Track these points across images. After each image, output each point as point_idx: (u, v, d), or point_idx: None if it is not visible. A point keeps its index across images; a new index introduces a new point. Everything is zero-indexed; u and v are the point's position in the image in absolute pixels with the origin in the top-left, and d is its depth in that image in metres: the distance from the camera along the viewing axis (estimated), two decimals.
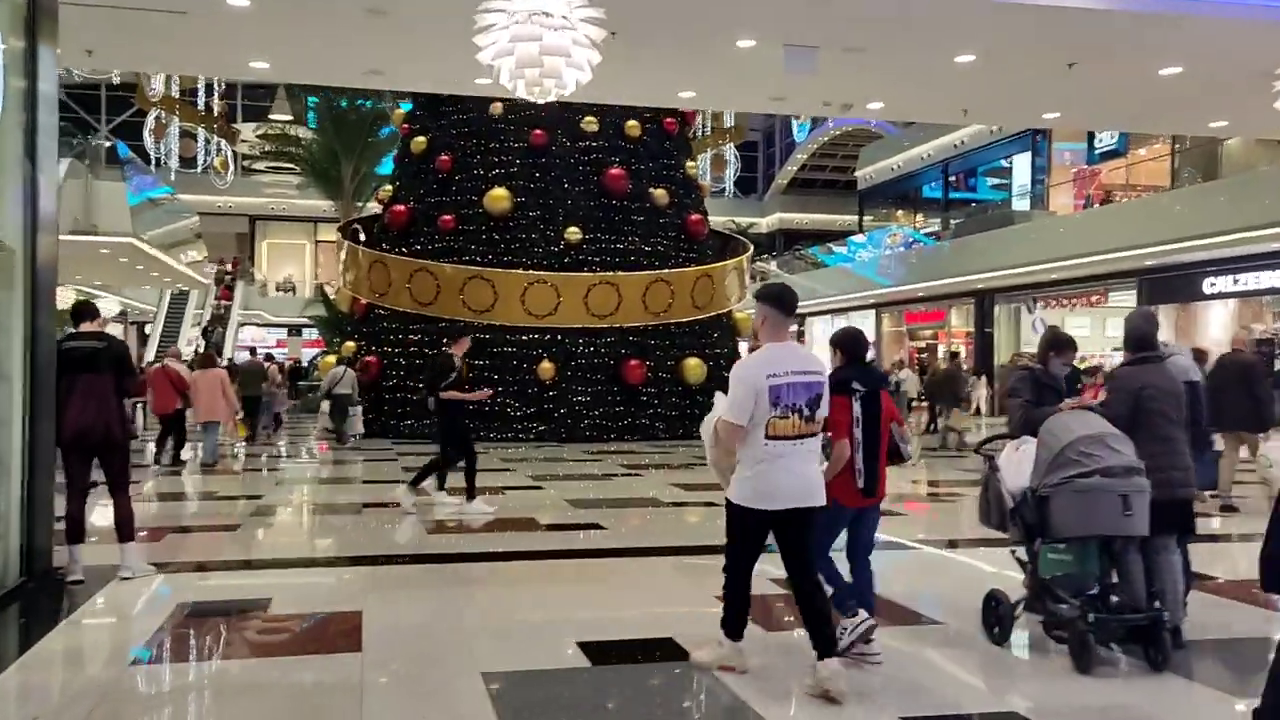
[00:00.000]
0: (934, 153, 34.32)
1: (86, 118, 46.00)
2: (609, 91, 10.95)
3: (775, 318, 4.34)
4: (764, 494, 4.23)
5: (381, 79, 10.37)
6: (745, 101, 11.44)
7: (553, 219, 19.00)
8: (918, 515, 10.43)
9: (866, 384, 4.83)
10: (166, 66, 12.79)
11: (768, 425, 4.17)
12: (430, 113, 20.37)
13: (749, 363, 4.32)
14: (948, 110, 11.58)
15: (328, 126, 29.19)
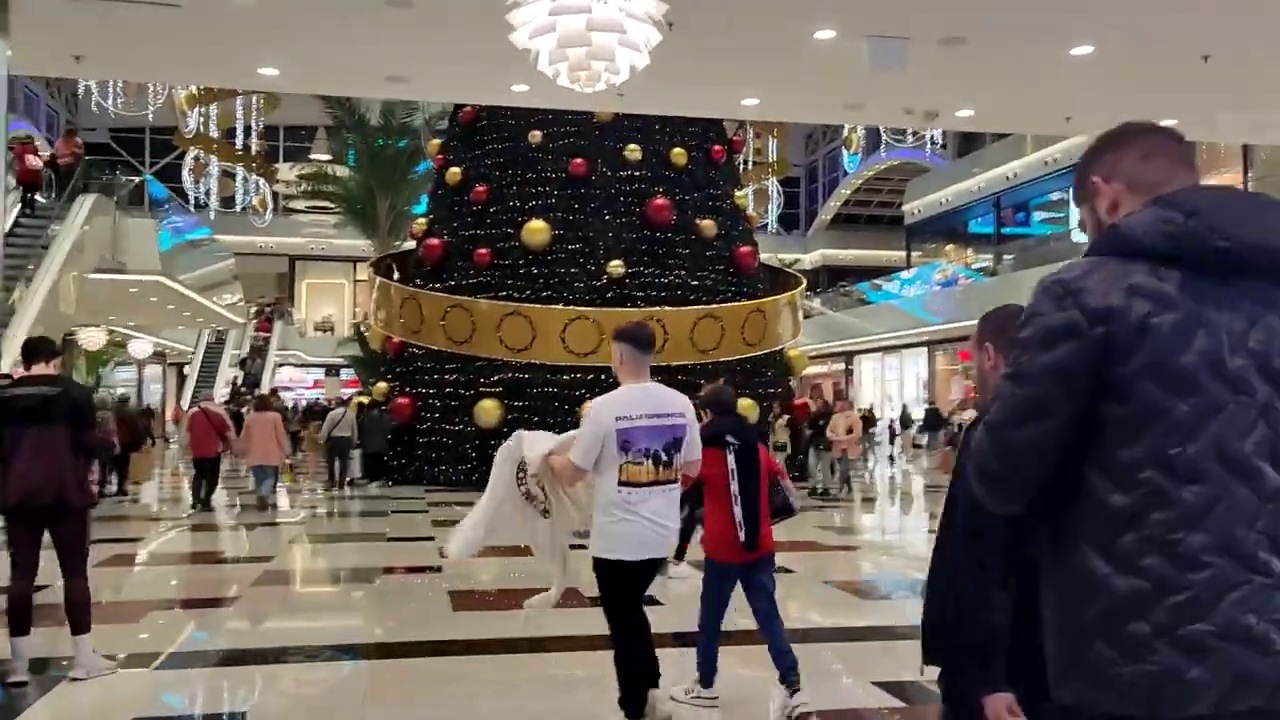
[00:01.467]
0: (985, 185, 32.67)
1: (130, 160, 45.68)
2: (661, 99, 9.54)
3: (633, 357, 4.13)
4: (625, 544, 3.98)
5: (405, 88, 9.06)
6: (816, 109, 10.00)
7: (594, 252, 17.62)
8: None
9: (740, 438, 4.75)
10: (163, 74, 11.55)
11: (620, 471, 3.94)
12: (465, 142, 19.15)
13: (600, 404, 4.06)
14: (1048, 117, 10.01)
15: (364, 163, 28.19)
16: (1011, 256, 30.06)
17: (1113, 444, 1.50)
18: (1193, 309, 1.48)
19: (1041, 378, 1.53)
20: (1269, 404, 1.48)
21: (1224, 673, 1.42)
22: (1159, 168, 1.65)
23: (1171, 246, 1.51)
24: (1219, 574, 1.44)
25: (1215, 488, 1.45)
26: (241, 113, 32.25)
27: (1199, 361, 1.47)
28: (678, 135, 18.59)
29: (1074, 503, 1.54)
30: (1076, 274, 1.56)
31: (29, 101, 36.05)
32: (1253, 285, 1.52)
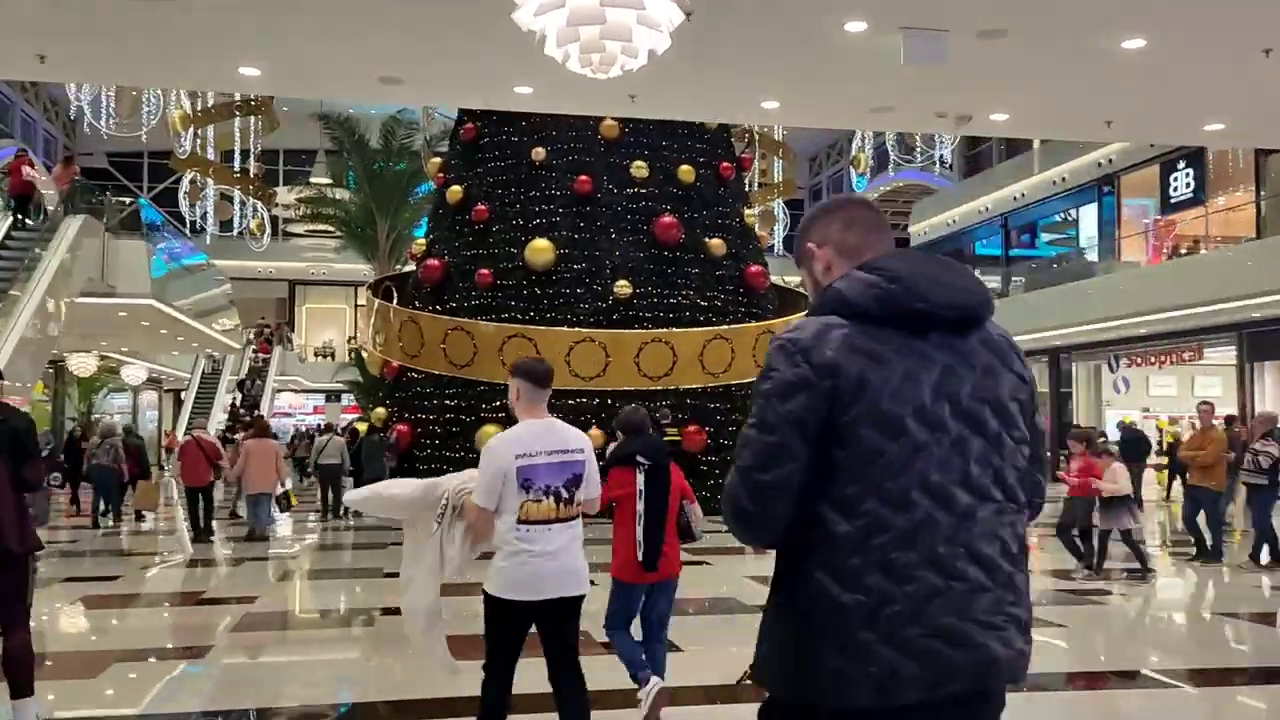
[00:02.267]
0: (992, 206, 32.02)
1: (128, 184, 45.12)
2: (674, 102, 8.83)
3: (530, 392, 3.99)
4: (523, 584, 3.87)
5: (399, 90, 8.37)
6: (841, 113, 9.29)
7: (599, 272, 16.92)
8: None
9: (651, 458, 4.76)
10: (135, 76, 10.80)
11: (520, 509, 3.85)
12: (466, 160, 18.50)
13: (498, 441, 3.95)
14: (1088, 121, 9.29)
15: (364, 185, 27.56)
16: (1021, 278, 29.32)
17: (840, 481, 1.72)
18: (900, 363, 1.71)
19: (781, 426, 1.72)
20: (960, 437, 1.75)
21: (932, 666, 1.68)
22: (859, 234, 1.91)
23: (880, 309, 1.74)
24: (926, 585, 1.68)
25: (921, 514, 1.70)
26: (239, 135, 31.63)
27: (906, 408, 1.70)
28: (685, 152, 17.95)
29: (809, 533, 1.74)
30: (805, 335, 1.76)
31: (25, 126, 35.51)
32: (944, 338, 1.77)
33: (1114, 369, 23.88)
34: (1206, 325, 20.70)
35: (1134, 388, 23.53)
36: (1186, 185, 25.19)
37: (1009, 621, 1.74)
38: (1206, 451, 10.70)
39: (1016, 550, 1.79)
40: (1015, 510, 1.81)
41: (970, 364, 1.80)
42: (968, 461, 1.74)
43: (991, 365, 1.83)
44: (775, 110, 8.60)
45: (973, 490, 1.74)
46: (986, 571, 1.73)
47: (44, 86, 35.57)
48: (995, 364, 1.84)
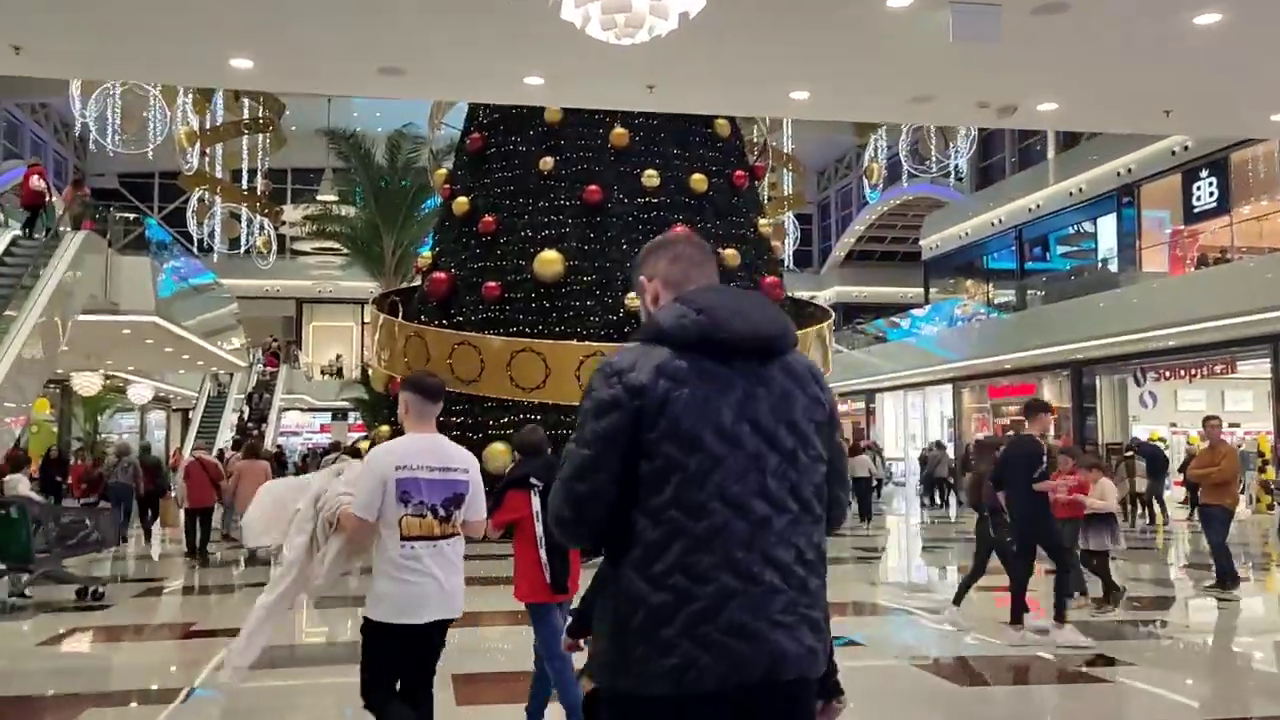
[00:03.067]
0: (1006, 218, 31.27)
1: (139, 205, 44.65)
2: (695, 94, 8.09)
3: (418, 406, 3.85)
4: (409, 606, 3.67)
5: (400, 82, 7.69)
6: (877, 105, 8.55)
7: (610, 284, 16.22)
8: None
9: (546, 479, 4.61)
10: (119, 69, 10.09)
11: (400, 525, 3.67)
12: (472, 171, 17.86)
13: (378, 451, 3.81)
14: (1146, 111, 8.49)
15: (370, 201, 26.96)
16: (1039, 291, 28.52)
17: (648, 492, 1.88)
18: (702, 385, 1.89)
19: (595, 441, 1.91)
20: (758, 454, 1.90)
21: (726, 659, 1.83)
22: (683, 269, 2.10)
23: (688, 337, 1.91)
24: (724, 586, 1.84)
25: (719, 521, 1.85)
26: (247, 153, 31.13)
27: (705, 426, 1.87)
28: (698, 160, 17.29)
29: (625, 538, 1.91)
30: (623, 360, 1.95)
31: (36, 148, 35.07)
32: (746, 364, 1.94)
33: (1140, 383, 23.02)
34: (1240, 337, 19.86)
35: (1161, 402, 22.68)
36: (1210, 194, 24.42)
37: (802, 621, 1.87)
38: (1220, 468, 9.80)
39: (812, 557, 1.93)
40: (811, 521, 1.94)
41: (769, 388, 1.93)
42: (765, 475, 1.88)
43: (789, 390, 1.95)
44: (805, 102, 7.88)
45: (769, 501, 1.88)
46: (782, 575, 1.87)
47: (54, 107, 35.16)
48: (793, 388, 1.95)
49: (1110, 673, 6.68)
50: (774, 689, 1.87)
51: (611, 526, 1.91)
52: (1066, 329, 23.18)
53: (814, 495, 1.94)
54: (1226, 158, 23.69)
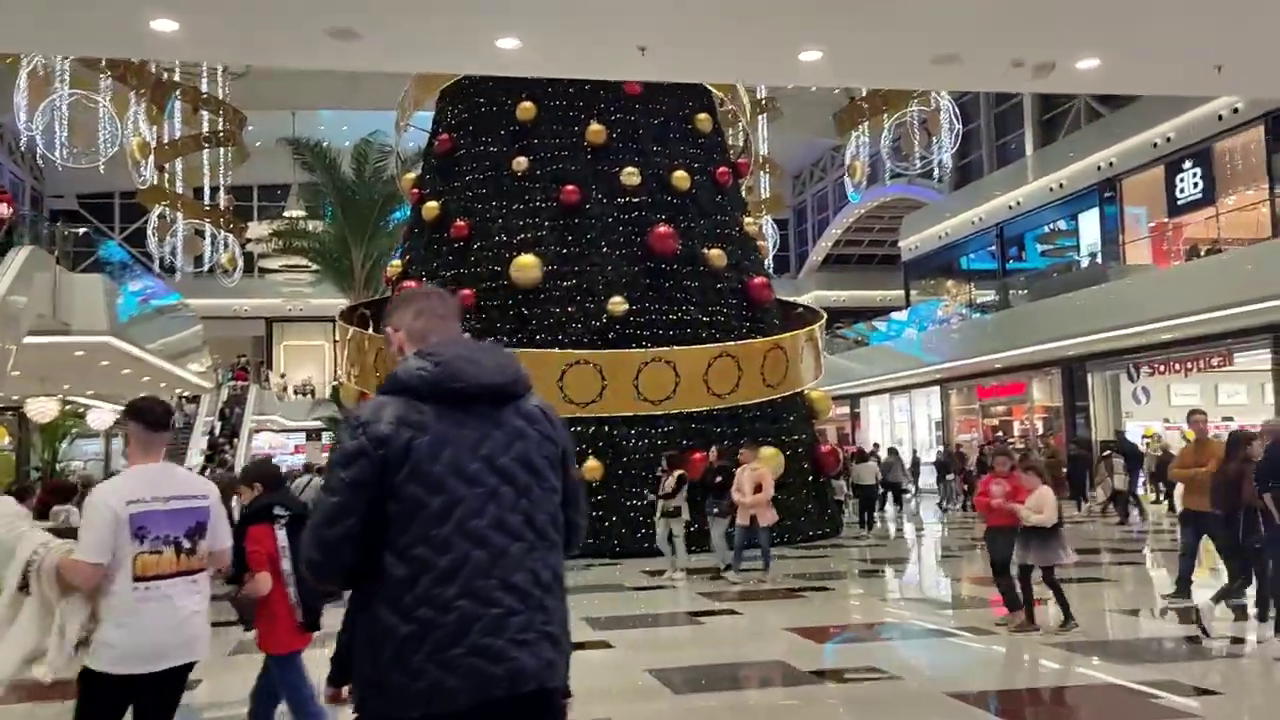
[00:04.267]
0: (986, 217, 30.59)
1: (99, 225, 43.20)
2: (692, 58, 7.07)
3: (143, 435, 3.54)
4: (142, 653, 3.32)
5: (352, 49, 6.60)
6: (897, 67, 7.58)
7: (591, 288, 15.22)
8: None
9: (291, 509, 4.48)
10: (23, 42, 8.85)
11: (135, 564, 3.34)
12: (442, 174, 16.83)
13: (103, 488, 3.53)
14: (1195, 68, 7.58)
15: (337, 212, 25.81)
16: (1022, 291, 27.83)
17: (395, 532, 2.02)
18: (441, 431, 2.05)
19: (342, 489, 2.04)
20: (494, 490, 2.07)
21: (472, 678, 1.99)
22: (426, 322, 2.25)
23: (426, 387, 2.07)
24: (466, 613, 2.00)
25: (461, 554, 2.01)
26: (208, 169, 29.84)
27: (445, 469, 2.03)
28: (679, 157, 16.34)
29: (376, 576, 2.04)
30: (367, 412, 2.09)
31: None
32: (483, 409, 2.10)
33: (1134, 378, 22.27)
34: (1237, 328, 19.14)
35: (1154, 398, 21.95)
36: (1194, 185, 23.81)
37: (541, 638, 2.06)
38: (1208, 469, 8.44)
39: (548, 579, 2.11)
40: (547, 547, 2.13)
41: (504, 429, 2.12)
42: (501, 509, 2.07)
43: (522, 430, 2.14)
44: (817, 64, 6.92)
45: (506, 532, 2.07)
46: (519, 598, 2.04)
47: (8, 126, 33.73)
48: (526, 429, 2.15)
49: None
50: (516, 702, 2.02)
51: (362, 566, 2.05)
52: (1056, 326, 22.43)
53: (549, 524, 2.12)
54: (1210, 148, 23.10)
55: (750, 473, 11.41)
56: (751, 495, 11.22)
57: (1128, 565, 12.98)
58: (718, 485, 11.79)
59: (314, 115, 33.15)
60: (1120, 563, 13.12)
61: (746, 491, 11.26)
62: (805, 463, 16.11)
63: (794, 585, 11.10)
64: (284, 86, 33.31)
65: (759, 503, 11.23)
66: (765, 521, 11.32)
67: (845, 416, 34.98)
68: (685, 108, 16.81)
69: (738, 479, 11.45)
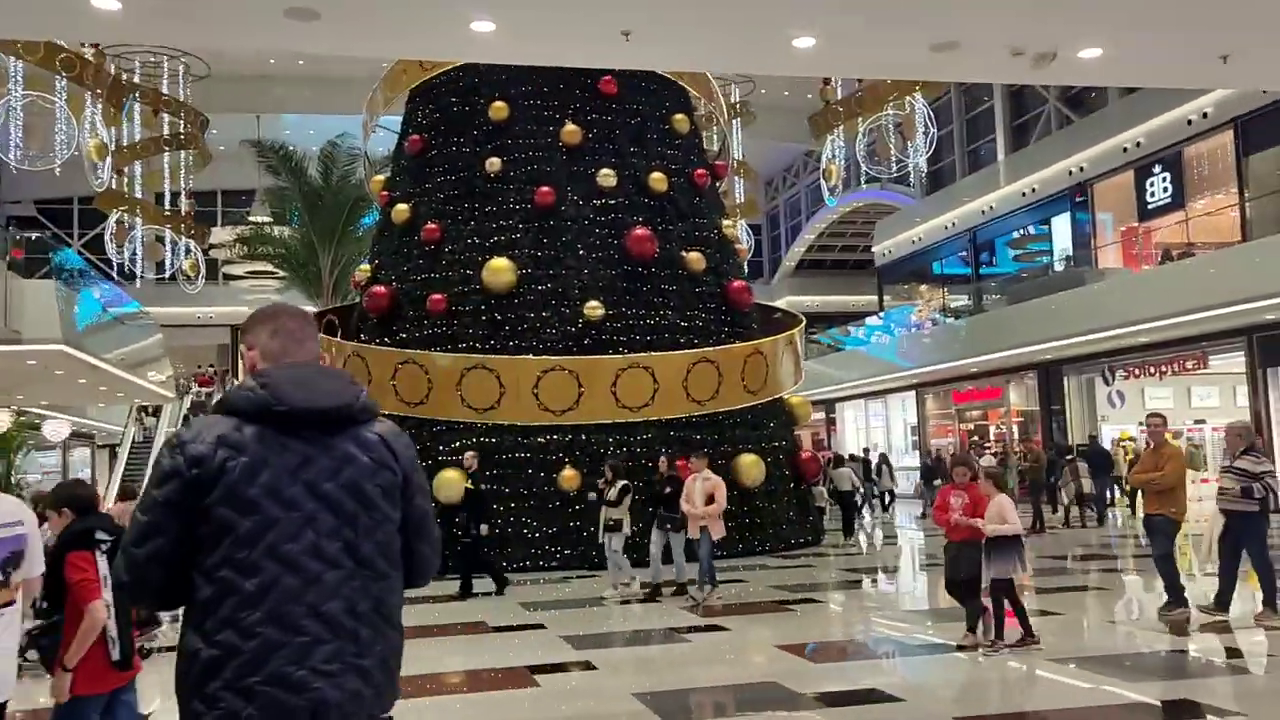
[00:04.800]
0: (959, 221, 30.52)
1: (58, 232, 42.10)
2: (678, 44, 6.63)
3: None
4: None
5: (316, 32, 6.07)
6: (893, 55, 7.12)
7: (567, 292, 14.77)
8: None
9: (114, 534, 4.07)
10: None
11: None
12: (413, 175, 16.31)
13: None
14: (1200, 57, 7.24)
15: (303, 216, 25.12)
16: (996, 296, 27.72)
17: (204, 553, 1.99)
18: (261, 453, 2.00)
19: (155, 508, 2.01)
20: (312, 515, 2.01)
21: (268, 708, 1.92)
22: (281, 343, 2.19)
23: (252, 409, 2.04)
24: (269, 639, 1.93)
25: (269, 578, 1.94)
26: (169, 174, 29.02)
27: (261, 491, 1.98)
28: (656, 158, 15.95)
29: (188, 597, 2.01)
30: (187, 432, 2.07)
31: None
32: (308, 434, 2.04)
33: (1109, 382, 22.16)
34: (1211, 331, 19.05)
35: (1129, 401, 21.85)
36: (1164, 190, 23.81)
37: (348, 669, 1.99)
38: (1165, 473, 8.26)
39: (366, 609, 2.03)
40: (371, 577, 2.06)
41: (331, 455, 2.05)
42: (319, 535, 2.00)
43: (353, 456, 2.07)
44: (810, 52, 6.49)
45: (322, 558, 2.00)
46: (329, 627, 1.98)
47: None
48: (358, 455, 2.08)
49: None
50: None
51: (176, 588, 2.02)
52: (1032, 330, 22.28)
53: (376, 553, 2.06)
54: (1179, 153, 23.13)
55: (702, 483, 10.55)
56: (703, 507, 10.38)
57: (1109, 573, 12.72)
58: (668, 496, 10.91)
59: (279, 119, 32.45)
60: (1105, 570, 12.86)
61: (697, 503, 10.42)
62: (786, 469, 15.75)
63: (781, 597, 10.70)
64: (248, 89, 32.62)
65: (711, 514, 10.34)
66: (717, 535, 10.42)
67: (820, 422, 34.75)
68: (662, 108, 16.43)
69: (687, 489, 10.62)
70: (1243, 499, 7.88)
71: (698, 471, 10.68)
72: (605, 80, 15.69)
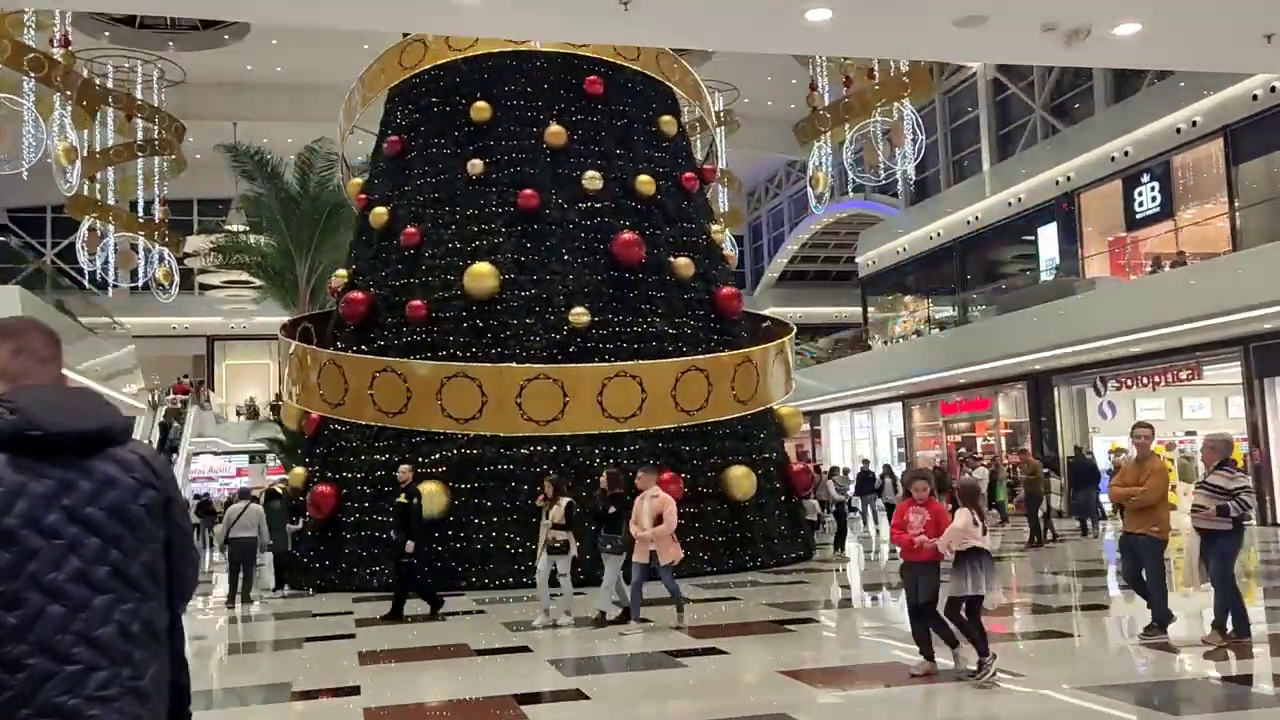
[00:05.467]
0: (944, 232, 30.13)
1: (31, 241, 41.12)
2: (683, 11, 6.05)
3: None
4: None
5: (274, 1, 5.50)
6: (914, 29, 6.58)
7: (552, 298, 14.19)
8: None
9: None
10: None
11: None
12: (391, 178, 15.69)
13: None
14: (1243, 36, 6.79)
15: (279, 223, 24.39)
16: (981, 307, 27.31)
17: None
18: (16, 482, 1.87)
19: None
20: (77, 541, 1.90)
21: None
22: (24, 363, 2.03)
23: (3, 436, 1.88)
24: (38, 671, 1.84)
25: (34, 609, 1.85)
26: (143, 181, 28.22)
27: (19, 521, 1.86)
28: (643, 161, 15.42)
29: None
30: None
31: None
32: (67, 458, 1.92)
33: (1100, 393, 21.75)
34: (1207, 341, 18.67)
35: (1120, 412, 21.43)
36: (1152, 200, 23.51)
37: (126, 693, 1.91)
38: (1146, 488, 7.67)
39: (137, 630, 1.95)
40: (139, 599, 1.96)
41: (91, 478, 1.94)
42: (84, 561, 1.90)
43: (114, 478, 1.97)
44: (825, 26, 5.93)
45: (89, 584, 1.90)
46: (102, 652, 1.89)
47: None
48: (120, 476, 1.98)
49: None
50: None
51: None
52: (1021, 340, 21.86)
53: (144, 574, 1.99)
54: (1168, 162, 22.85)
55: (650, 501, 9.51)
56: (651, 528, 9.40)
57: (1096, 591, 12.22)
58: (611, 516, 9.77)
59: (256, 126, 31.71)
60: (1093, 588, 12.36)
61: (645, 524, 9.42)
62: (777, 482, 15.18)
63: (778, 616, 10.11)
64: (225, 97, 31.90)
65: (660, 536, 9.39)
66: (666, 559, 9.46)
67: (805, 434, 34.24)
68: (649, 109, 15.91)
69: (636, 509, 9.57)
70: (1217, 517, 7.33)
71: (645, 488, 9.65)
72: (591, 80, 15.16)
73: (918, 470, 8.20)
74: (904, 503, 7.10)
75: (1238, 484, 7.40)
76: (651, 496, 9.59)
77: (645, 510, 9.51)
